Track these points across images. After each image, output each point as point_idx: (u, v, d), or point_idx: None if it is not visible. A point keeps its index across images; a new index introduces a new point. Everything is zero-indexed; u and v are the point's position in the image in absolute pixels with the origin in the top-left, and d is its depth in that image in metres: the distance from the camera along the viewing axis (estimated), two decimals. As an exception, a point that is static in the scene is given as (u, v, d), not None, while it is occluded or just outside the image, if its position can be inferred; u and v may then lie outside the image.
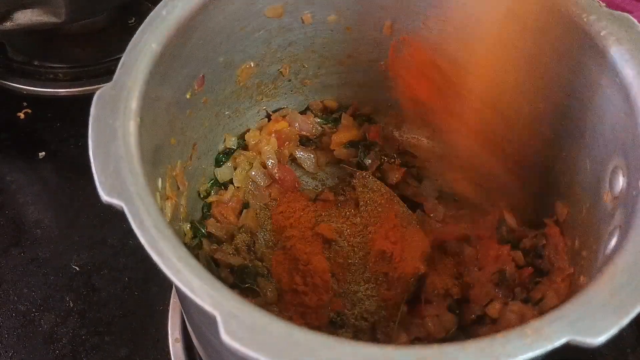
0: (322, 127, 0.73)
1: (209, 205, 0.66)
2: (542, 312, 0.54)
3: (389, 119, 0.74)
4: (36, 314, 0.69)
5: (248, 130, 0.70)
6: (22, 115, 0.85)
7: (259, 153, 0.69)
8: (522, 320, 0.56)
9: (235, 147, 0.69)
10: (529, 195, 0.66)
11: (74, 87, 0.87)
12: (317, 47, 0.66)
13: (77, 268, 0.73)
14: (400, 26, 0.64)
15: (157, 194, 0.49)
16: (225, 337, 0.34)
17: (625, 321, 0.36)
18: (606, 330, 0.35)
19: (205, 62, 0.57)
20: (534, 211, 0.65)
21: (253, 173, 0.68)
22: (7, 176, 0.80)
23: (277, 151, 0.70)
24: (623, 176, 0.48)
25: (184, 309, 0.59)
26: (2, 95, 0.87)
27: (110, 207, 0.41)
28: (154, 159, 0.49)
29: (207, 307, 0.35)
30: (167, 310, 0.69)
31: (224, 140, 0.68)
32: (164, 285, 0.71)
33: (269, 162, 0.69)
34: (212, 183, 0.67)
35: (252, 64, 0.64)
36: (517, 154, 0.66)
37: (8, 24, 0.77)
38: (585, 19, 0.51)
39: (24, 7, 0.76)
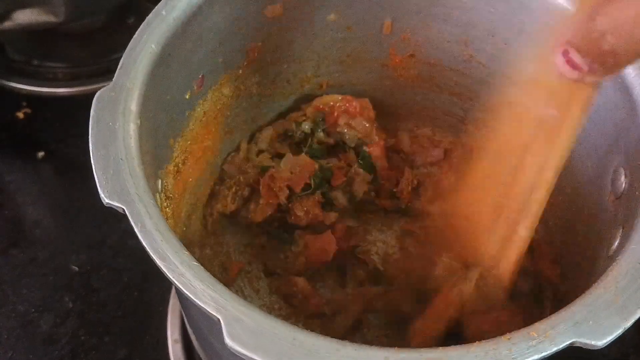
0: None
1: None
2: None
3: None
4: (35, 314, 0.69)
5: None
6: (21, 115, 0.85)
7: None
8: None
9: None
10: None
11: (73, 87, 0.87)
12: (316, 46, 0.66)
13: (76, 268, 0.72)
14: (400, 25, 0.64)
15: (158, 195, 0.49)
16: (229, 340, 0.34)
17: (629, 323, 0.36)
18: (610, 332, 0.35)
19: (204, 63, 0.57)
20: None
21: None
22: (6, 176, 0.80)
23: None
24: (625, 177, 0.47)
25: (185, 311, 0.59)
26: (1, 95, 0.87)
27: (109, 208, 0.41)
28: (154, 160, 0.49)
29: (211, 311, 0.35)
30: (167, 311, 0.69)
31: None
32: (163, 285, 0.71)
33: None
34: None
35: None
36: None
37: (7, 24, 0.76)
38: (586, 19, 0.51)
39: (23, 6, 0.75)
